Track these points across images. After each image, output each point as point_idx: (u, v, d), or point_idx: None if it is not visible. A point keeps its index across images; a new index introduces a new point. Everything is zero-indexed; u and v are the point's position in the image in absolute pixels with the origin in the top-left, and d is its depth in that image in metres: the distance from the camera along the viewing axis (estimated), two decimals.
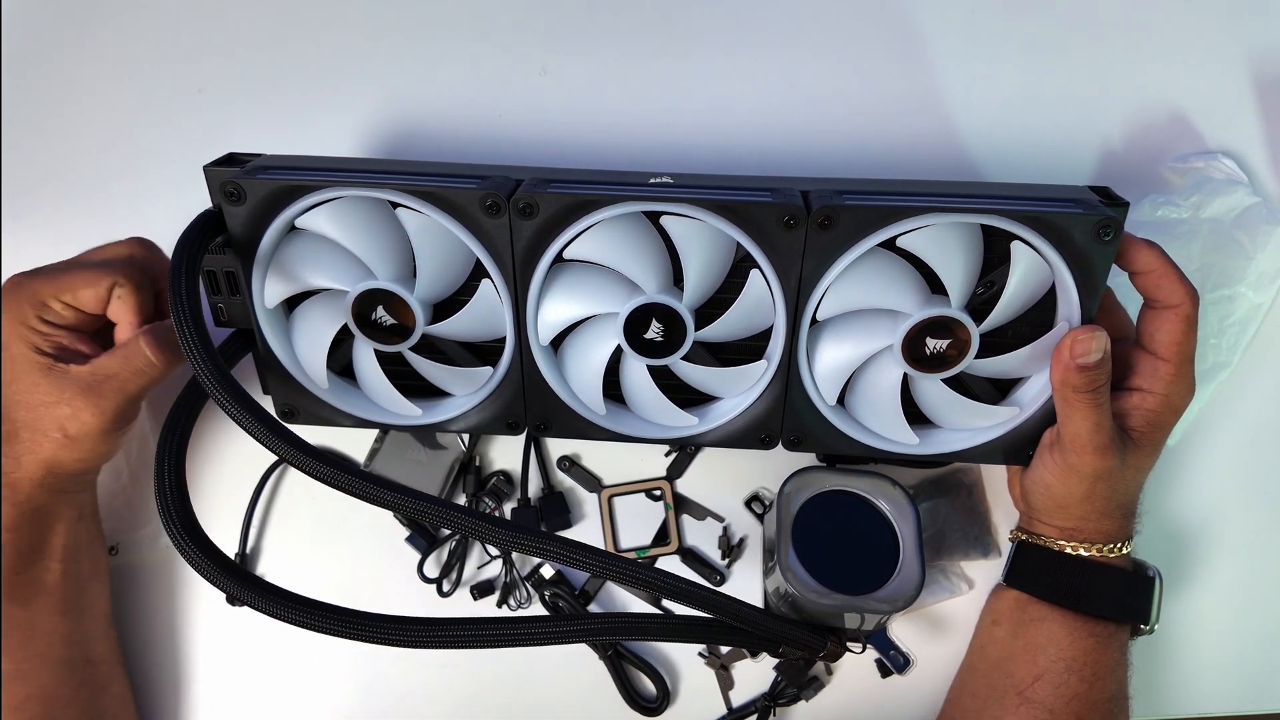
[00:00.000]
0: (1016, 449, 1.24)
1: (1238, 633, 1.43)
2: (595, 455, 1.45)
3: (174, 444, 1.06)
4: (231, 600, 1.32)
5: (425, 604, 1.41)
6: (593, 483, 1.44)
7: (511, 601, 1.41)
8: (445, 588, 1.41)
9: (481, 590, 1.42)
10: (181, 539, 0.99)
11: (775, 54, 1.48)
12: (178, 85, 1.49)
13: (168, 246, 1.34)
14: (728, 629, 1.16)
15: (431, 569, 1.41)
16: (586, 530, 1.44)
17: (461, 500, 1.43)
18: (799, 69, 1.48)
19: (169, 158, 1.47)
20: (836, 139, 1.45)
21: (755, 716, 1.40)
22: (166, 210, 1.36)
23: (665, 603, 1.39)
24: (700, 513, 1.43)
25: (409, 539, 1.42)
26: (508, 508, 1.43)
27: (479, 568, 1.43)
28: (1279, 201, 1.44)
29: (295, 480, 1.44)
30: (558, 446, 1.45)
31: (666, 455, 1.45)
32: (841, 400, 1.25)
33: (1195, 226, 1.39)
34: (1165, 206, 1.40)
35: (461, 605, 1.41)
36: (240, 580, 0.98)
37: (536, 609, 1.42)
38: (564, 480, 1.45)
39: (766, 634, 1.16)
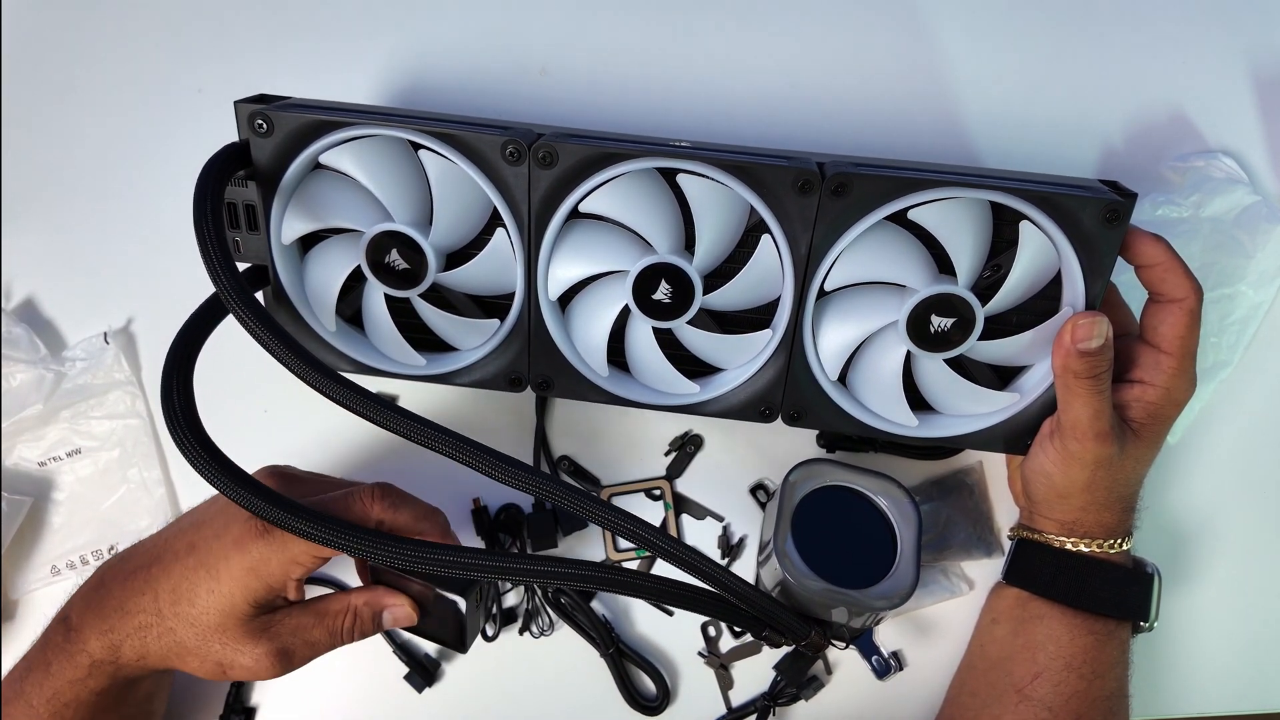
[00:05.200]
0: (1016, 437, 1.24)
1: (1238, 632, 1.42)
2: (595, 455, 1.45)
3: (182, 363, 1.05)
4: None
5: None
6: (593, 482, 1.44)
7: (534, 628, 1.40)
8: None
9: (505, 618, 1.41)
10: (194, 451, 0.98)
11: (779, 48, 1.49)
12: (178, 85, 1.50)
13: (169, 242, 1.35)
14: (716, 600, 1.14)
15: None
16: (588, 530, 1.43)
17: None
18: (802, 65, 1.49)
19: (169, 158, 1.47)
20: (837, 137, 1.46)
21: (755, 716, 1.38)
22: (168, 210, 1.37)
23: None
24: (700, 512, 1.43)
25: None
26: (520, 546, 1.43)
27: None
28: (1279, 200, 1.45)
29: None
30: (558, 446, 1.45)
31: (666, 455, 1.44)
32: (844, 379, 1.25)
33: (1195, 225, 1.40)
34: (1165, 205, 1.42)
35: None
36: (255, 491, 0.97)
37: (562, 633, 1.41)
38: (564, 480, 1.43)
39: (754, 610, 1.14)
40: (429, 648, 1.41)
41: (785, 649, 1.30)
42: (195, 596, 1.10)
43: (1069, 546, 1.21)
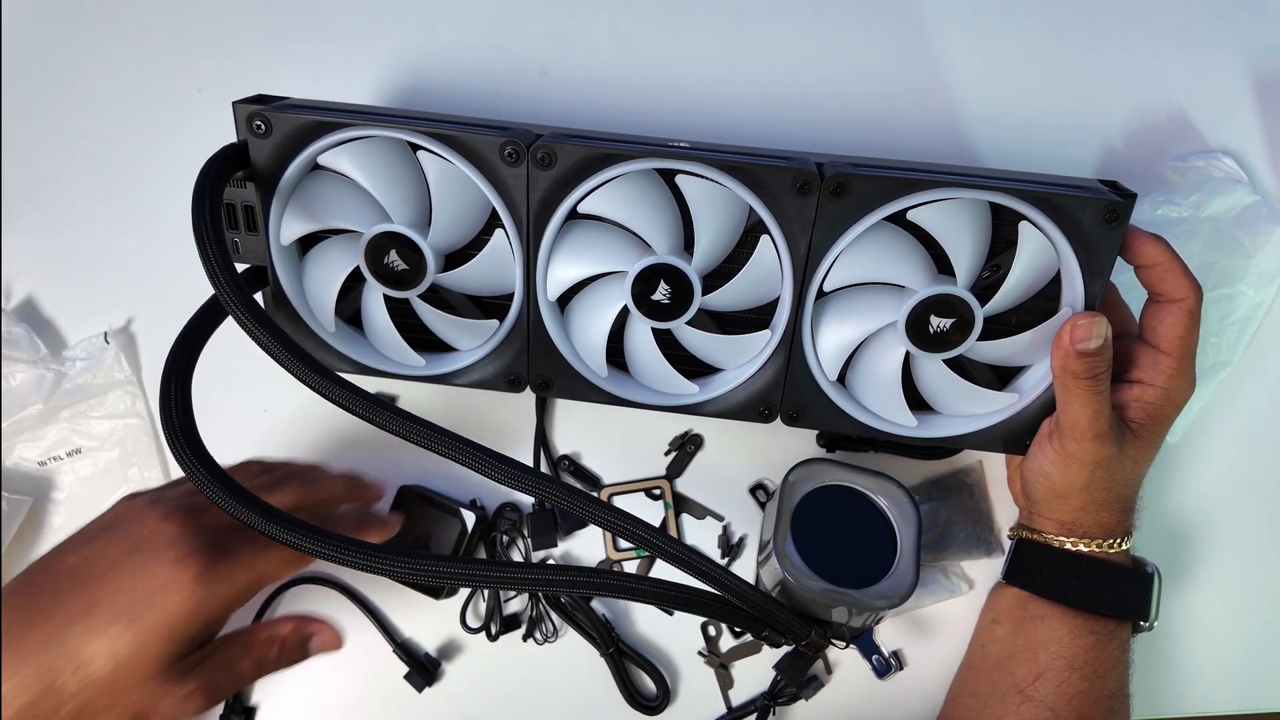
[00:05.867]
0: (1015, 437, 1.24)
1: (1238, 632, 1.42)
2: (595, 455, 1.45)
3: (181, 370, 1.05)
4: None
5: (444, 625, 1.42)
6: (592, 482, 1.44)
7: (538, 635, 1.41)
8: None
9: (508, 625, 1.41)
10: (188, 460, 0.98)
11: (779, 48, 1.50)
12: (178, 85, 1.50)
13: (169, 241, 1.35)
14: (715, 600, 1.14)
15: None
16: (588, 530, 1.43)
17: (480, 554, 1.43)
18: (802, 65, 1.50)
19: (169, 158, 1.47)
20: (837, 136, 1.47)
21: (755, 716, 1.38)
22: (168, 209, 1.37)
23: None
24: (700, 512, 1.43)
25: None
26: (522, 543, 1.43)
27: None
28: (1279, 200, 1.45)
29: None
30: (559, 446, 1.45)
31: (666, 454, 1.44)
32: (843, 380, 1.25)
33: (1195, 225, 1.40)
34: (1165, 205, 1.42)
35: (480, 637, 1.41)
36: (245, 502, 0.96)
37: (563, 633, 1.41)
38: (565, 481, 1.43)
39: (754, 610, 1.14)
40: (429, 647, 1.41)
41: (785, 649, 1.30)
42: (113, 652, 0.99)
43: (1068, 546, 1.21)
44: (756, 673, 1.40)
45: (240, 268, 1.21)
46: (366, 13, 1.50)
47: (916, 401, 1.24)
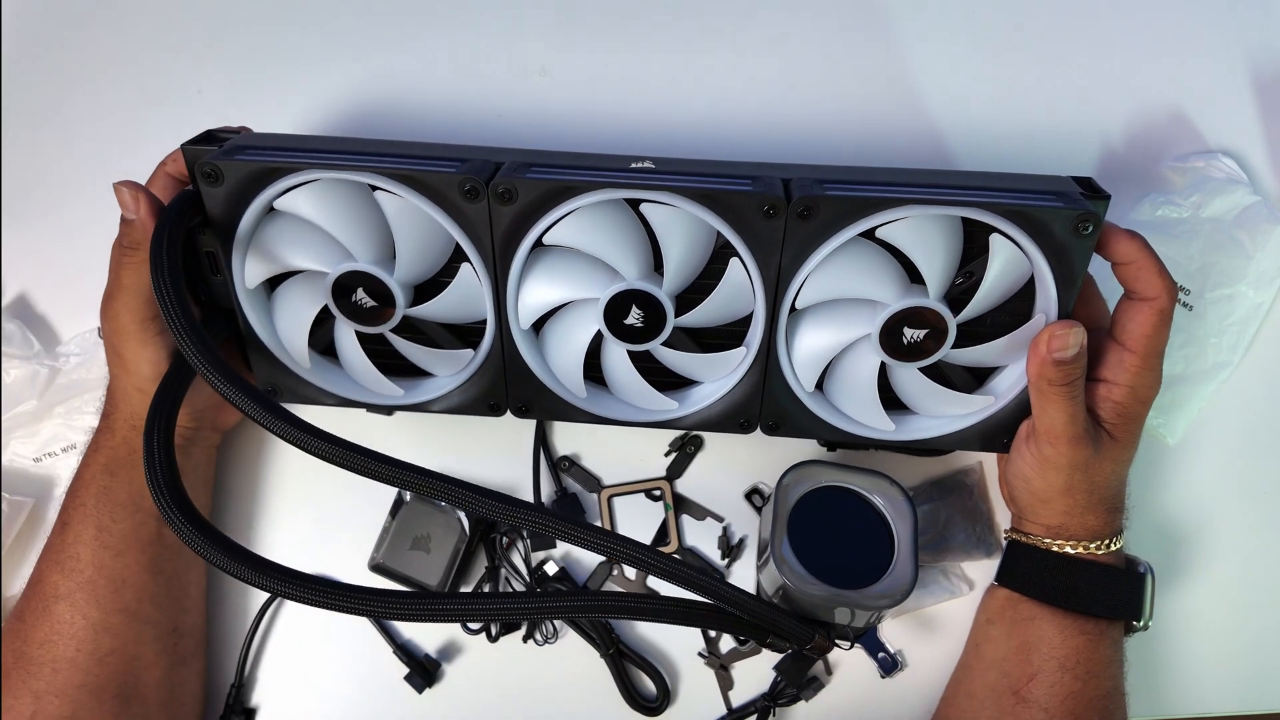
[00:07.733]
0: (992, 436, 1.24)
1: (1237, 632, 1.42)
2: (595, 455, 1.46)
3: (163, 419, 1.06)
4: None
5: (444, 626, 1.43)
6: (592, 483, 1.44)
7: (538, 636, 1.42)
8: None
9: (508, 626, 1.42)
10: (171, 512, 0.99)
11: (777, 49, 1.49)
12: (178, 85, 1.51)
13: None
14: (717, 613, 1.15)
15: None
16: None
17: (480, 555, 1.43)
18: (796, 68, 1.49)
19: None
20: (831, 140, 1.46)
21: (755, 716, 1.39)
22: None
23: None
24: (700, 513, 1.43)
25: None
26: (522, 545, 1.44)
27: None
28: (1279, 200, 1.43)
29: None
30: (559, 446, 1.46)
31: (666, 455, 1.45)
32: (821, 386, 1.25)
33: (1195, 226, 1.39)
34: (1165, 206, 1.41)
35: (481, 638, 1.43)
36: (226, 551, 0.98)
37: (563, 634, 1.42)
38: (567, 482, 1.45)
39: (756, 619, 1.16)
40: (429, 648, 1.43)
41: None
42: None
43: (1055, 549, 1.21)
44: (756, 673, 1.41)
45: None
46: (368, 12, 1.51)
47: (894, 401, 1.25)
